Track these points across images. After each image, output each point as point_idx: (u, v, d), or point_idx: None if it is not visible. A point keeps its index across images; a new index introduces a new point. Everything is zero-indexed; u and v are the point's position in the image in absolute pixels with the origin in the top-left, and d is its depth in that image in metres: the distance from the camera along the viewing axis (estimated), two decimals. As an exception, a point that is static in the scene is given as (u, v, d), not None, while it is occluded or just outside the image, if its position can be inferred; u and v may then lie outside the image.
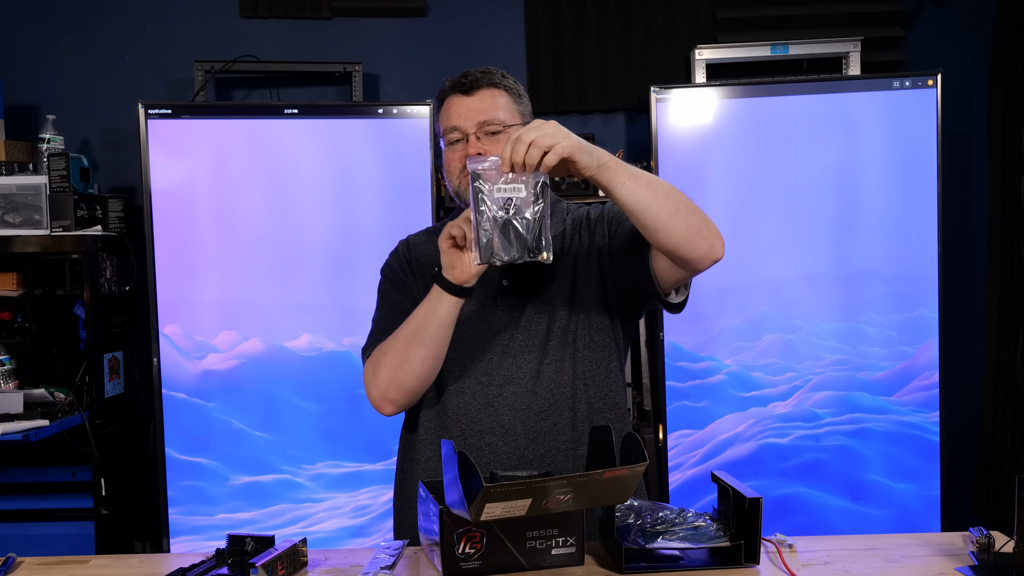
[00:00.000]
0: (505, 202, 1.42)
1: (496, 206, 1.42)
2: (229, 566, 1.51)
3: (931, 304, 3.22)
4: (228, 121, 3.23)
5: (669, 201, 1.52)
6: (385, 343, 1.74)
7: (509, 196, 1.42)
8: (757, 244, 3.23)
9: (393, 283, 1.86)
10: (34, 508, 3.16)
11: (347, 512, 3.20)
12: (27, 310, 3.26)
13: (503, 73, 1.78)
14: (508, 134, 1.57)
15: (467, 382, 1.75)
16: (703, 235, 1.55)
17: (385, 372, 1.71)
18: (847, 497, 3.23)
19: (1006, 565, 1.49)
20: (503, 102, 1.74)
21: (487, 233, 1.42)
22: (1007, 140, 3.50)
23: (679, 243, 1.54)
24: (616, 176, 1.50)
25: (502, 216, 1.42)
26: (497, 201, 1.41)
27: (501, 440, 1.72)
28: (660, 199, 1.52)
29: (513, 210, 1.42)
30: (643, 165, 3.41)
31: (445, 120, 1.75)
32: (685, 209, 1.54)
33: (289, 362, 3.20)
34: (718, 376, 3.26)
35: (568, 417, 1.75)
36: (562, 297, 1.76)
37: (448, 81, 1.78)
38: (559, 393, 1.75)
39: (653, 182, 1.54)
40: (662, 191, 1.53)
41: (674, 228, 1.53)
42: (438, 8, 3.67)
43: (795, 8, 3.62)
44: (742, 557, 1.53)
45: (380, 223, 3.21)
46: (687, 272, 1.64)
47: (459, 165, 1.72)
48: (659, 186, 1.54)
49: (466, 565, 1.48)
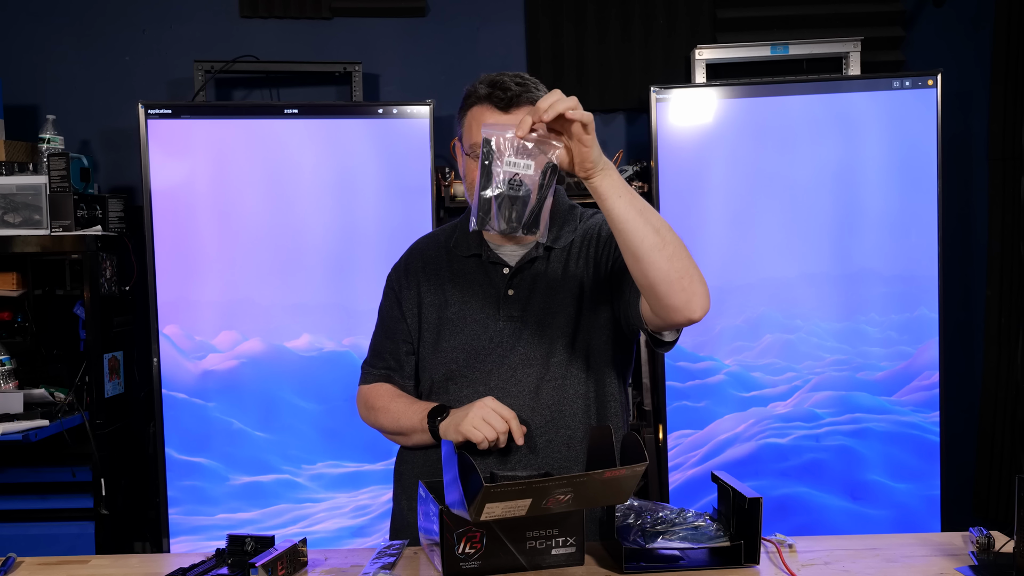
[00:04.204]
0: (512, 176, 1.41)
1: (502, 178, 1.41)
2: (229, 566, 1.51)
3: (931, 304, 3.22)
4: (228, 121, 3.23)
5: (658, 236, 1.47)
6: (379, 405, 1.82)
7: (517, 171, 1.41)
8: (757, 244, 3.23)
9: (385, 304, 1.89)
10: (34, 508, 3.16)
11: (347, 512, 3.20)
12: (27, 310, 3.26)
13: (537, 85, 1.68)
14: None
15: (465, 390, 1.74)
16: (683, 285, 1.48)
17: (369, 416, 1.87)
18: (847, 497, 3.23)
19: (1006, 565, 1.50)
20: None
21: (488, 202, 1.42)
22: (1007, 140, 3.50)
23: (656, 281, 1.48)
24: (614, 187, 1.46)
25: (506, 190, 1.42)
26: (506, 173, 1.41)
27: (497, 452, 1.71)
28: (649, 229, 1.46)
29: (518, 185, 1.41)
30: (643, 165, 3.43)
31: (473, 133, 1.65)
32: (673, 250, 1.47)
33: (289, 362, 3.20)
34: (718, 376, 3.26)
35: (566, 435, 1.73)
36: (567, 313, 1.73)
37: (483, 87, 1.66)
38: (559, 411, 1.73)
39: (648, 211, 1.48)
40: (653, 223, 1.47)
41: (655, 263, 1.47)
42: (438, 8, 3.67)
43: (795, 8, 3.62)
44: (742, 557, 1.53)
45: (380, 223, 3.21)
46: (662, 321, 1.56)
47: None
48: (653, 217, 1.48)
49: (466, 565, 1.48)
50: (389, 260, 1.92)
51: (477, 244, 1.78)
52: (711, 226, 3.24)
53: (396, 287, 1.84)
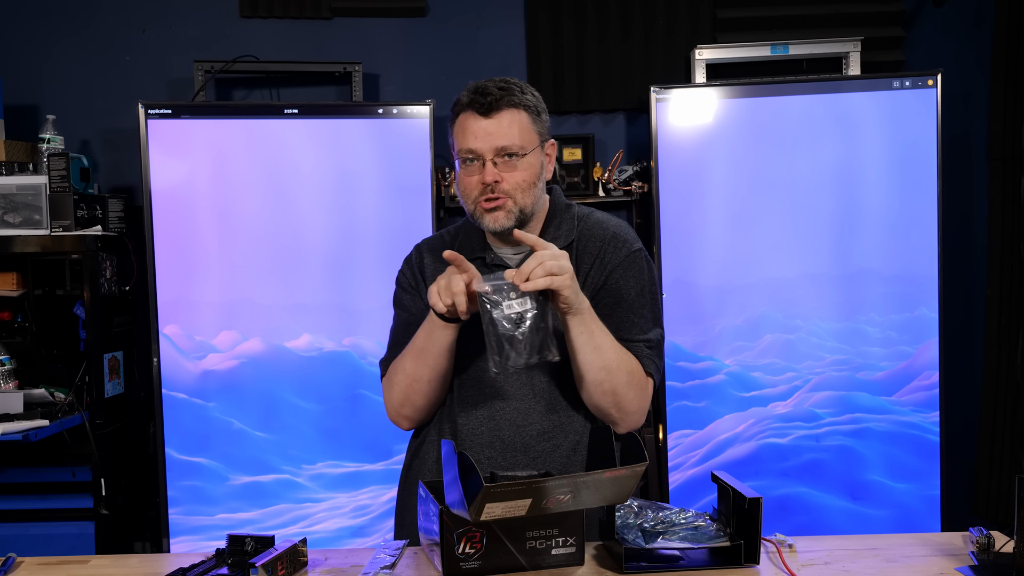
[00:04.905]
0: (516, 316, 1.54)
1: (507, 322, 1.53)
2: (229, 566, 1.51)
3: (931, 304, 3.22)
4: (228, 121, 3.23)
5: (602, 373, 1.64)
6: (396, 361, 1.77)
7: (518, 310, 1.54)
8: (757, 244, 3.23)
9: (405, 295, 1.85)
10: (34, 508, 3.16)
11: (347, 512, 3.20)
12: (27, 310, 3.25)
13: (522, 87, 1.72)
14: (536, 247, 1.57)
15: (471, 392, 1.75)
16: (611, 415, 1.70)
17: (397, 391, 1.77)
18: (847, 497, 3.23)
19: (1006, 565, 1.50)
20: (521, 124, 1.69)
21: (499, 347, 1.53)
22: (1007, 140, 3.50)
23: (587, 400, 1.71)
24: (578, 324, 1.61)
25: (513, 329, 1.53)
26: (508, 318, 1.53)
27: (500, 455, 1.71)
28: (596, 367, 1.64)
29: (522, 322, 1.54)
30: (643, 165, 3.43)
31: (461, 140, 1.70)
32: (611, 388, 1.66)
33: (289, 362, 3.20)
34: (718, 376, 3.26)
35: (573, 441, 1.74)
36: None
37: (466, 96, 1.70)
38: (565, 416, 1.74)
39: (604, 350, 1.64)
40: (604, 362, 1.64)
41: (590, 391, 1.68)
42: (438, 8, 3.67)
43: (795, 8, 3.62)
44: (742, 557, 1.53)
45: (380, 223, 3.21)
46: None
47: (475, 191, 1.69)
48: (607, 358, 1.64)
49: (466, 565, 1.48)
50: (389, 260, 1.92)
51: (481, 247, 1.78)
52: (711, 226, 3.24)
53: (413, 281, 1.84)
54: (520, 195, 1.69)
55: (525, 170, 1.69)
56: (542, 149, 1.75)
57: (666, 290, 3.19)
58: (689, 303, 3.25)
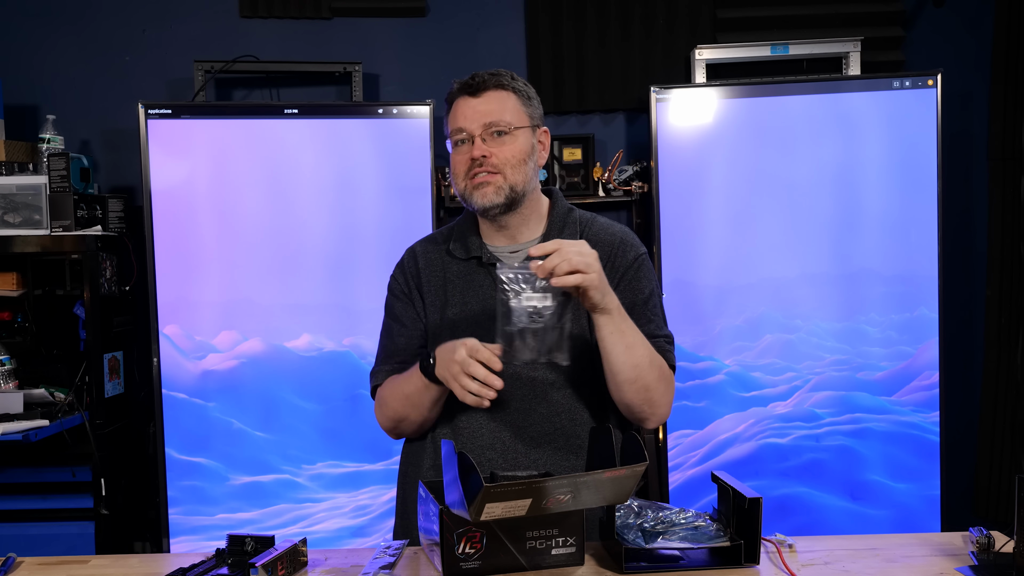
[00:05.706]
0: (532, 310, 1.51)
1: (522, 313, 1.51)
2: (229, 566, 1.51)
3: (931, 304, 3.22)
4: (228, 121, 3.23)
5: (634, 371, 1.63)
6: (386, 391, 1.78)
7: (534, 304, 1.51)
8: (757, 244, 3.23)
9: (397, 303, 1.84)
10: (34, 508, 3.16)
11: (347, 512, 3.20)
12: (27, 310, 3.25)
13: (512, 75, 1.77)
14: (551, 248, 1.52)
15: None
16: (641, 408, 1.69)
17: (387, 420, 1.80)
18: (847, 497, 3.23)
19: (1006, 565, 1.50)
20: (511, 104, 1.73)
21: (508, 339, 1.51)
22: (1007, 140, 3.50)
23: (618, 399, 1.69)
24: (608, 323, 1.59)
25: (527, 323, 1.51)
26: (524, 310, 1.51)
27: (501, 456, 1.71)
28: (628, 365, 1.62)
29: (538, 317, 1.51)
30: (643, 165, 3.43)
31: (452, 121, 1.75)
32: (643, 385, 1.65)
33: (289, 362, 3.20)
34: (718, 376, 3.26)
35: (576, 445, 1.73)
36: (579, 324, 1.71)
37: (456, 83, 1.77)
38: (566, 416, 1.73)
39: (635, 348, 1.62)
40: (636, 360, 1.63)
41: (623, 390, 1.66)
42: (438, 8, 3.67)
43: (795, 8, 3.62)
44: (742, 557, 1.53)
45: (380, 223, 3.21)
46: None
47: (464, 168, 1.71)
48: (638, 355, 1.63)
49: (466, 565, 1.48)
50: (389, 260, 1.91)
51: (477, 246, 1.78)
52: (711, 226, 3.24)
53: (405, 288, 1.83)
54: (510, 171, 1.70)
55: (514, 146, 1.71)
56: (533, 134, 1.76)
57: (666, 290, 3.19)
58: (689, 303, 3.25)
